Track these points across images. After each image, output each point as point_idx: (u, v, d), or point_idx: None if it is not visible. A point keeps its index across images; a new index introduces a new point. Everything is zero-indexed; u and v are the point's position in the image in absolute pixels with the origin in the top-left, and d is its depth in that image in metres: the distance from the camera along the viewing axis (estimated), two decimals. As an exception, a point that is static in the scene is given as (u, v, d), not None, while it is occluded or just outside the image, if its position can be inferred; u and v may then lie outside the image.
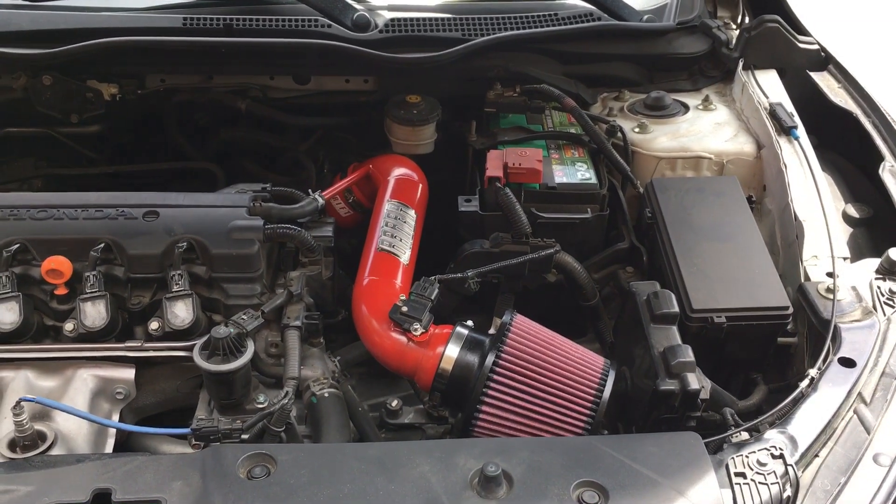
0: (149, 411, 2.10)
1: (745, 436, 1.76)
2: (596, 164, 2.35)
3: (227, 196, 2.20)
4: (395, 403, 2.22)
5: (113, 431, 1.92)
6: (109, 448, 1.90)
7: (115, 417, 1.98)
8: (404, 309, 1.95)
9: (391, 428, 2.26)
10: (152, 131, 2.85)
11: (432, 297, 1.98)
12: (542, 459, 1.61)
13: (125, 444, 1.98)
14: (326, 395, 2.02)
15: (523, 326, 1.95)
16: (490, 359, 1.86)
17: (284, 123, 2.69)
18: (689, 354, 1.87)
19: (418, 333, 1.93)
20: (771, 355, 2.12)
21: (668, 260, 2.15)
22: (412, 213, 2.29)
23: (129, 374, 1.98)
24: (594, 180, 2.28)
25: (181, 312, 1.98)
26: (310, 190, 2.26)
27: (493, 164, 2.25)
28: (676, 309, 1.95)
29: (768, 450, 1.66)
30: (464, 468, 1.57)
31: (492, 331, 2.30)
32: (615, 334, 2.25)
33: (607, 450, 1.64)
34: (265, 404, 1.95)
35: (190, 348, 1.92)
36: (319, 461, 1.60)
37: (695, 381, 1.84)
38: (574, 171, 2.35)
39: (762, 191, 2.47)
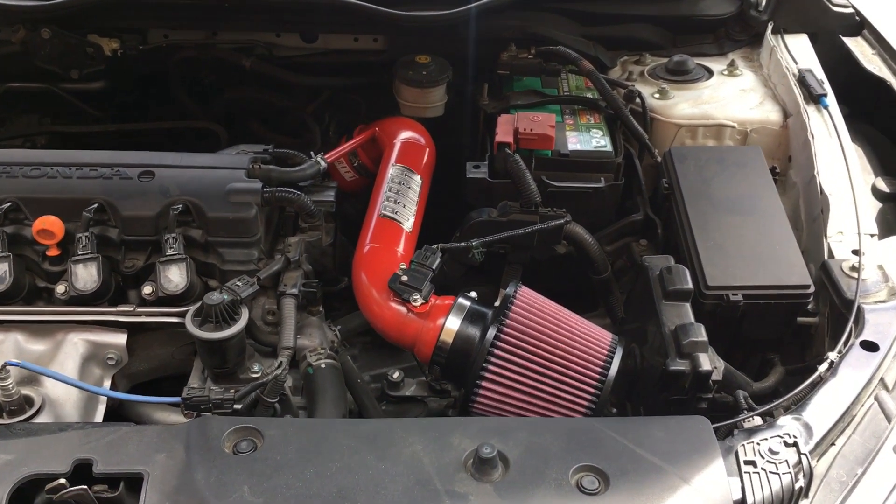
0: (142, 377, 2.06)
1: (757, 421, 1.67)
2: (612, 131, 2.26)
3: (226, 157, 2.13)
4: (396, 375, 2.15)
5: (104, 398, 1.87)
6: (100, 415, 1.86)
7: (107, 383, 1.94)
8: (404, 278, 1.87)
9: (392, 400, 2.20)
10: (157, 89, 2.77)
11: (434, 267, 1.90)
12: (541, 441, 1.53)
13: (117, 411, 1.94)
14: (323, 366, 1.95)
15: (528, 299, 1.86)
16: (491, 332, 1.78)
17: (290, 83, 2.60)
18: (701, 333, 1.78)
19: (418, 304, 1.85)
20: (789, 336, 2.03)
21: (683, 233, 2.05)
22: (417, 178, 2.20)
23: (120, 339, 1.92)
24: (609, 148, 2.18)
25: (175, 277, 1.92)
26: (312, 153, 2.18)
27: (504, 129, 2.15)
28: (690, 285, 1.86)
29: (781, 437, 1.57)
30: (458, 448, 1.50)
31: (497, 303, 2.23)
32: (626, 310, 2.15)
33: (610, 433, 1.56)
34: (259, 374, 1.89)
35: (183, 314, 1.86)
36: (308, 437, 1.54)
37: (707, 361, 1.75)
38: (589, 138, 2.25)
39: (787, 162, 2.35)
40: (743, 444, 1.55)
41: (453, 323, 1.84)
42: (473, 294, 1.95)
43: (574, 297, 2.44)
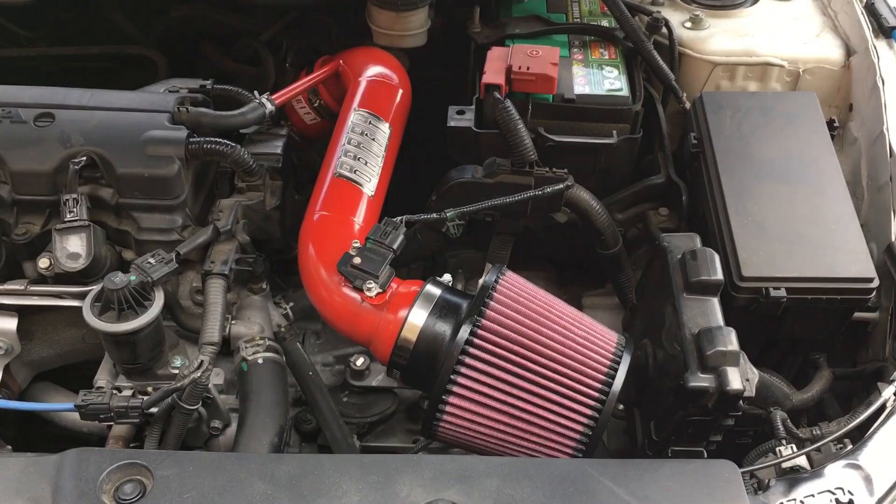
0: (50, 364, 1.73)
1: (801, 460, 1.30)
2: (630, 70, 1.87)
3: (149, 96, 1.73)
4: (360, 362, 1.84)
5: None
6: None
7: (-2, 375, 1.59)
8: (357, 260, 1.49)
9: (356, 391, 1.88)
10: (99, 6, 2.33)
11: (394, 247, 1.51)
12: (516, 493, 1.19)
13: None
14: (261, 360, 1.61)
15: (512, 289, 1.48)
16: (464, 331, 1.41)
17: (246, 1, 2.15)
18: (731, 341, 1.41)
19: (373, 294, 1.48)
20: (840, 335, 1.63)
21: (714, 205, 1.66)
22: (385, 127, 1.78)
23: (9, 324, 1.58)
24: (626, 92, 1.77)
25: (74, 248, 1.57)
26: (255, 92, 1.76)
27: (493, 67, 1.72)
28: (720, 276, 1.48)
29: (833, 493, 1.20)
30: (406, 501, 1.15)
31: (482, 281, 1.84)
32: (639, 294, 1.75)
33: (607, 482, 1.22)
34: (180, 369, 1.55)
35: (82, 296, 1.50)
36: (211, 478, 1.22)
37: (737, 378, 1.39)
38: (601, 79, 1.82)
39: (848, 112, 1.94)
40: (782, 502, 1.18)
41: (418, 316, 1.48)
42: (447, 278, 1.57)
43: (576, 269, 2.08)
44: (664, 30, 1.94)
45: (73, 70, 2.36)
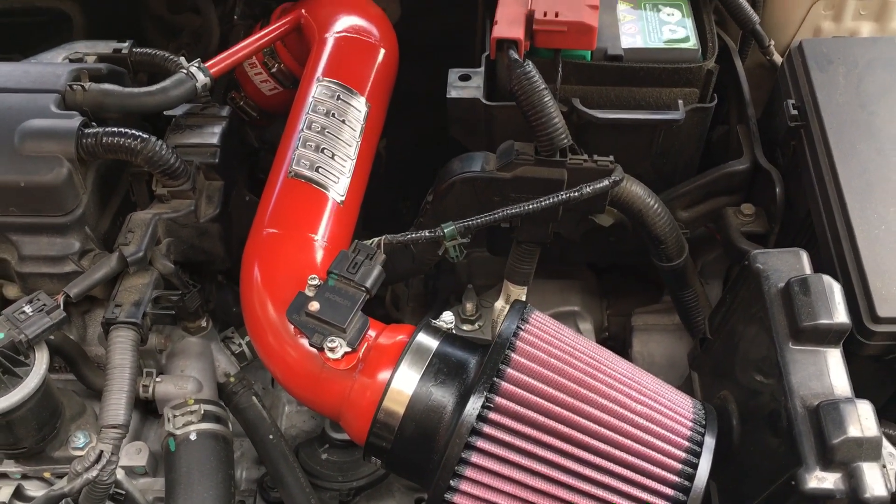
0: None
1: None
2: (698, 11, 1.40)
3: (33, 69, 1.27)
4: (340, 412, 1.37)
5: None
6: None
7: None
8: (314, 306, 1.03)
9: (336, 444, 1.51)
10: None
11: (367, 284, 1.05)
12: None
13: None
14: (193, 436, 1.17)
15: (540, 340, 1.06)
16: (474, 403, 0.98)
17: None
18: (868, 424, 0.97)
19: (338, 356, 1.02)
20: None
21: (825, 203, 1.21)
22: (360, 103, 1.30)
23: None
24: (693, 42, 1.31)
25: (-74, 290, 1.11)
26: (182, 58, 1.29)
27: (508, 14, 1.24)
28: (845, 318, 1.03)
29: None
30: None
31: (499, 304, 1.38)
32: (714, 325, 1.27)
33: None
34: (84, 450, 1.13)
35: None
36: None
37: (878, 480, 0.96)
38: (658, 26, 1.34)
39: None
40: None
41: (406, 380, 1.05)
42: (446, 318, 1.13)
43: (624, 275, 1.61)
44: (743, -46, 1.43)
45: None
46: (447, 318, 1.14)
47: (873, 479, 0.95)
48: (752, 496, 1.11)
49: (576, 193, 1.17)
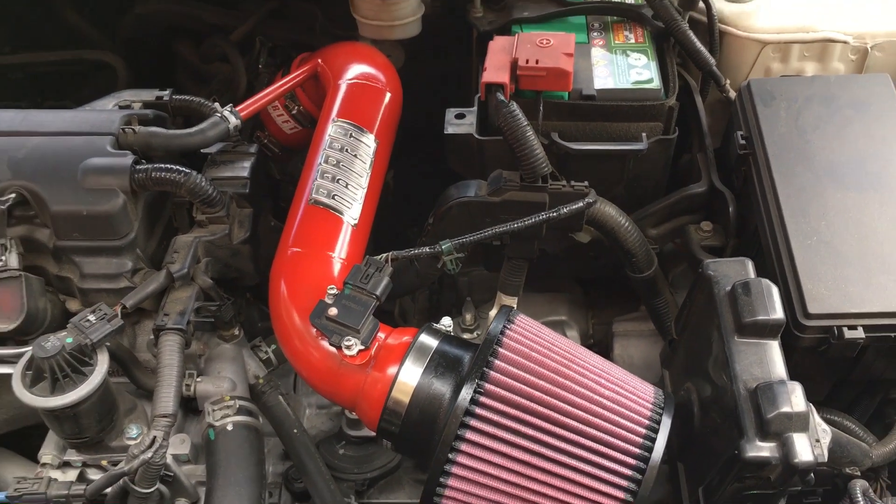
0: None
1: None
2: (661, 56, 1.60)
3: (89, 116, 1.48)
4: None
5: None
6: None
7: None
8: (333, 311, 1.23)
9: (353, 441, 1.65)
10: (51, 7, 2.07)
11: (377, 293, 1.25)
12: None
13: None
14: (230, 427, 1.36)
15: (524, 337, 1.24)
16: (467, 391, 1.16)
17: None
18: (798, 401, 1.16)
19: (353, 353, 1.21)
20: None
21: (768, 219, 1.38)
22: (369, 140, 1.51)
23: (-65, 392, 1.34)
24: (657, 83, 1.50)
25: (5, 304, 1.31)
26: (216, 104, 1.50)
27: (496, 62, 1.44)
28: (780, 315, 1.22)
29: None
30: None
31: (493, 313, 1.57)
32: (679, 327, 1.47)
33: None
34: (138, 439, 1.31)
35: (18, 358, 1.27)
36: None
37: (805, 448, 1.14)
38: (626, 69, 1.54)
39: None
40: None
41: (411, 374, 1.23)
42: (445, 322, 1.31)
43: (607, 288, 1.80)
44: (701, 4, 1.64)
45: (43, 76, 2.12)
46: (446, 322, 1.33)
47: (802, 447, 1.12)
48: (710, 471, 1.29)
49: (555, 213, 1.37)
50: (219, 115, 1.49)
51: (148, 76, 1.88)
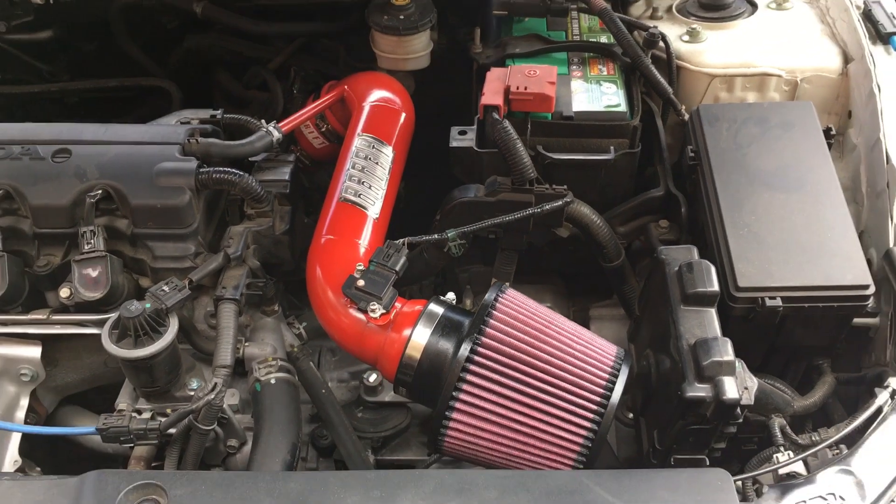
0: (74, 388, 1.80)
1: (797, 466, 1.32)
2: (629, 85, 1.89)
3: (160, 129, 1.79)
4: (373, 378, 1.88)
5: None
6: (14, 444, 1.58)
7: (24, 401, 1.66)
8: (361, 283, 1.54)
9: (370, 406, 1.92)
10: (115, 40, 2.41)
11: (396, 268, 1.56)
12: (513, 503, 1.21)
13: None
14: (273, 381, 1.66)
15: (512, 306, 1.53)
16: (465, 348, 1.46)
17: (249, 31, 2.22)
18: (727, 351, 1.43)
19: (377, 315, 1.53)
20: (842, 341, 1.64)
21: (711, 216, 1.67)
22: (388, 151, 1.83)
23: (33, 352, 1.65)
24: (623, 107, 1.80)
25: (92, 279, 1.61)
26: (263, 120, 1.82)
27: (492, 88, 1.76)
28: (716, 287, 1.51)
29: (824, 498, 1.23)
30: (407, 515, 1.20)
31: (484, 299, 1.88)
32: (641, 305, 1.78)
33: (602, 493, 1.25)
34: (198, 390, 1.60)
35: (102, 323, 1.56)
36: (222, 496, 1.27)
37: (733, 388, 1.41)
38: (599, 95, 1.85)
39: (847, 119, 1.93)
40: (774, 509, 1.20)
41: (421, 335, 1.52)
42: (450, 296, 1.62)
43: (585, 281, 2.10)
44: (662, 44, 1.94)
45: (95, 101, 2.45)
46: (450, 296, 1.64)
47: (730, 388, 1.38)
48: (664, 418, 1.59)
49: (539, 210, 1.69)
50: (264, 129, 1.81)
51: (195, 99, 2.20)
